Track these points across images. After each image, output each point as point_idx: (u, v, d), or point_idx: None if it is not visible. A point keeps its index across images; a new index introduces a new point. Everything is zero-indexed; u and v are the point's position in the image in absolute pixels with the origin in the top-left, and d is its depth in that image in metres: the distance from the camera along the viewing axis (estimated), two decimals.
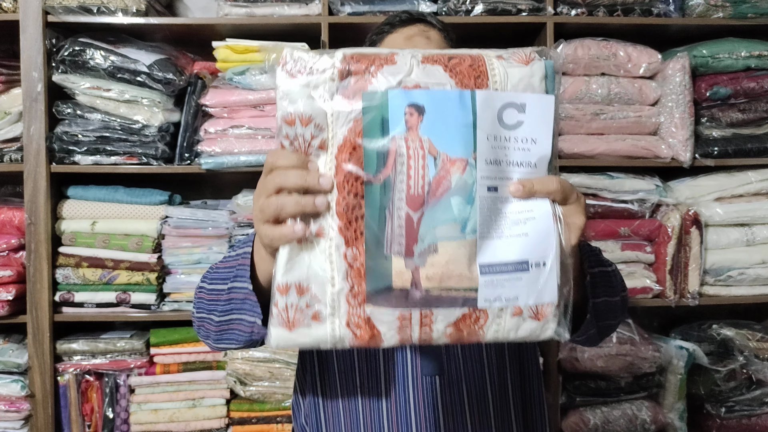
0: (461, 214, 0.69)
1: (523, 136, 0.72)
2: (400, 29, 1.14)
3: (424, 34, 1.13)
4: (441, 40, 1.15)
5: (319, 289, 0.70)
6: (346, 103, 0.70)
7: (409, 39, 1.13)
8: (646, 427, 2.00)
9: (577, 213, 0.78)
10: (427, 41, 1.12)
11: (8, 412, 1.94)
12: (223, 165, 1.95)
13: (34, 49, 1.91)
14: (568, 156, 2.03)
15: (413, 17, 1.16)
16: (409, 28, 1.14)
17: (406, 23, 1.15)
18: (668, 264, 2.04)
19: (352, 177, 0.69)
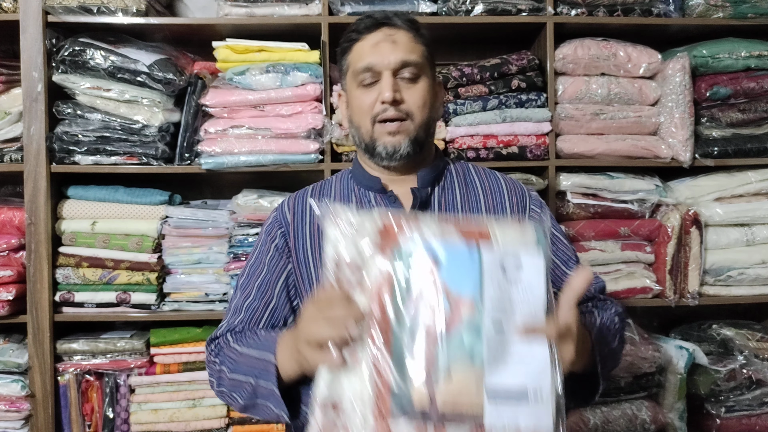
0: (471, 348, 0.83)
1: (522, 284, 0.86)
2: (366, 36, 1.13)
3: (389, 38, 1.12)
4: (409, 40, 1.13)
5: (351, 407, 0.85)
6: (381, 255, 0.87)
7: (375, 46, 1.12)
8: (646, 427, 2.01)
9: (568, 349, 0.88)
10: (393, 46, 1.11)
11: (8, 412, 1.94)
12: (223, 165, 1.95)
13: (35, 49, 1.91)
14: (568, 156, 2.03)
15: (378, 21, 1.14)
16: (374, 34, 1.13)
17: (371, 29, 1.13)
18: (668, 264, 2.05)
19: (384, 315, 0.84)
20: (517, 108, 2.02)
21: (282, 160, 1.96)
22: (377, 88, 1.12)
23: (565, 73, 2.05)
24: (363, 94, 1.13)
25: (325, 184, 1.25)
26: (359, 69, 1.13)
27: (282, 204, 1.23)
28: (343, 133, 1.98)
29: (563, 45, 2.02)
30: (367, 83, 1.13)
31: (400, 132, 1.12)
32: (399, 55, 1.11)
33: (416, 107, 1.12)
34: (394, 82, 1.11)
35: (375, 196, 1.18)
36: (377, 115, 1.12)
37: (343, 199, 1.20)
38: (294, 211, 1.20)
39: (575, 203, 2.03)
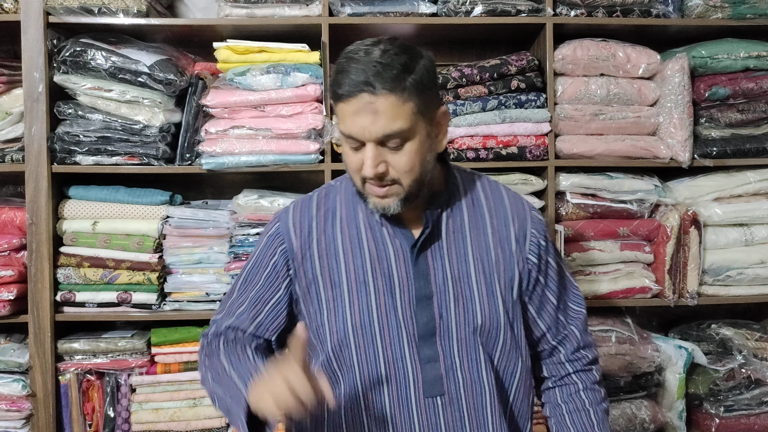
0: None
1: None
2: (346, 100, 1.02)
3: (369, 107, 1.01)
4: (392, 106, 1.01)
5: None
6: None
7: (355, 114, 1.02)
8: (646, 426, 2.01)
9: None
10: (373, 117, 1.01)
11: (9, 412, 1.95)
12: (223, 165, 1.96)
13: (36, 49, 1.91)
14: (567, 156, 2.04)
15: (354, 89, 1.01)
16: (354, 101, 1.01)
17: (351, 94, 1.01)
18: (667, 264, 2.05)
19: None
20: (516, 108, 2.02)
21: (282, 161, 1.97)
22: (362, 153, 1.05)
23: (564, 74, 2.05)
24: (351, 154, 1.08)
25: (330, 194, 1.21)
26: (343, 132, 1.06)
27: (286, 216, 1.20)
28: None
29: (562, 46, 2.03)
30: (353, 147, 1.07)
31: (388, 195, 1.08)
32: (380, 127, 1.02)
33: (403, 173, 1.06)
34: (377, 154, 1.04)
35: (381, 217, 1.15)
36: (366, 177, 1.07)
37: (350, 214, 1.18)
38: (300, 228, 1.17)
39: (574, 203, 2.03)
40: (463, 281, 1.14)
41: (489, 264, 1.16)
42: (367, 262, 1.14)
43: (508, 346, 1.17)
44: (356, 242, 1.15)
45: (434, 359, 1.11)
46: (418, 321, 1.12)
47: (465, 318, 1.13)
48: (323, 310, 1.14)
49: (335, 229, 1.16)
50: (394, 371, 1.11)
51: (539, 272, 1.21)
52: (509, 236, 1.19)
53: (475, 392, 1.13)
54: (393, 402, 1.11)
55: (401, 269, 1.13)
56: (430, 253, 1.15)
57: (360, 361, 1.12)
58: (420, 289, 1.13)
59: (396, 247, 1.14)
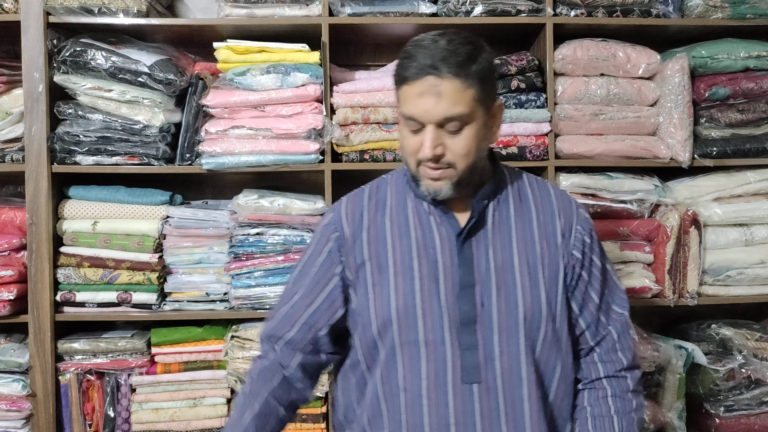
0: None
1: None
2: (412, 83, 1.08)
3: (434, 89, 1.07)
4: (455, 90, 1.07)
5: None
6: None
7: (419, 96, 1.08)
8: (645, 426, 2.01)
9: None
10: (436, 99, 1.07)
11: (9, 412, 1.95)
12: (224, 165, 1.96)
13: (36, 49, 1.91)
14: (567, 156, 2.04)
15: (422, 71, 1.07)
16: (419, 82, 1.07)
17: (417, 76, 1.07)
18: (667, 264, 2.05)
19: None
20: (516, 108, 2.02)
21: (282, 161, 1.97)
22: (421, 135, 1.10)
23: (564, 74, 2.05)
24: (409, 136, 1.13)
25: (381, 186, 1.26)
26: (404, 114, 1.11)
27: (339, 206, 1.25)
28: (343, 134, 1.99)
29: (562, 46, 2.03)
30: (413, 129, 1.11)
31: (441, 179, 1.13)
32: (442, 109, 1.07)
33: (458, 157, 1.11)
34: (436, 136, 1.09)
35: (429, 206, 1.20)
36: (421, 160, 1.12)
37: (400, 206, 1.22)
38: (352, 217, 1.22)
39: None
40: (507, 271, 1.16)
41: (533, 256, 1.18)
42: (413, 248, 1.17)
43: (549, 339, 1.17)
44: (404, 229, 1.19)
45: (473, 346, 1.13)
46: (460, 308, 1.14)
47: (506, 307, 1.15)
48: (369, 292, 1.18)
49: (384, 217, 1.21)
50: (434, 356, 1.13)
51: (582, 268, 1.22)
52: (555, 231, 1.21)
53: (512, 383, 1.13)
54: (430, 385, 1.13)
55: (446, 256, 1.16)
56: (475, 242, 1.17)
57: (402, 344, 1.15)
58: (463, 277, 1.15)
59: (442, 234, 1.18)
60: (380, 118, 2.01)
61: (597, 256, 1.25)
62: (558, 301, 1.19)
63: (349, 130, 2.00)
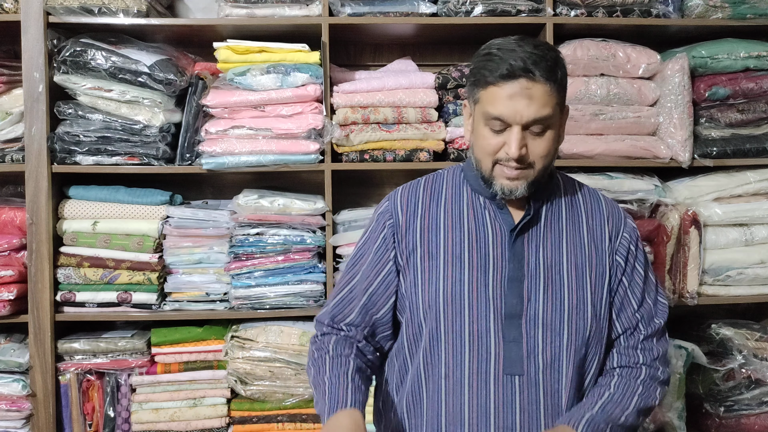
0: None
1: None
2: (502, 84, 1.10)
3: (526, 92, 1.09)
4: (545, 94, 1.11)
5: None
6: None
7: (510, 98, 1.10)
8: (645, 426, 2.01)
9: None
10: (528, 102, 1.10)
11: (9, 412, 1.95)
12: (224, 165, 1.96)
13: (36, 49, 1.91)
14: (567, 156, 2.04)
15: (515, 73, 1.09)
16: (511, 84, 1.10)
17: (509, 78, 1.10)
18: (667, 264, 2.05)
19: None
20: None
21: (282, 161, 1.97)
22: (504, 135, 1.13)
23: None
24: (490, 136, 1.14)
25: (437, 179, 1.29)
26: (490, 114, 1.12)
27: (395, 195, 1.29)
28: (343, 134, 1.99)
29: (562, 46, 2.03)
30: (496, 129, 1.13)
31: (519, 178, 1.15)
32: (533, 112, 1.10)
33: (539, 158, 1.15)
34: (522, 137, 1.12)
35: (485, 200, 1.23)
36: (500, 159, 1.15)
37: (455, 198, 1.25)
38: (407, 205, 1.25)
39: None
40: (555, 269, 1.19)
41: (582, 257, 1.22)
42: (465, 239, 1.20)
43: (591, 337, 1.20)
44: (457, 220, 1.22)
45: (518, 339, 1.16)
46: (507, 301, 1.17)
47: (552, 304, 1.18)
48: (419, 279, 1.21)
49: (438, 207, 1.24)
50: (477, 345, 1.16)
51: (624, 274, 1.26)
52: (603, 236, 1.25)
53: (553, 377, 1.16)
54: (473, 374, 1.15)
55: (497, 250, 1.19)
56: (527, 238, 1.21)
57: (447, 331, 1.17)
58: (513, 271, 1.18)
59: (495, 229, 1.21)
60: (380, 118, 2.01)
61: (640, 265, 1.28)
62: (603, 303, 1.22)
63: (349, 130, 2.00)
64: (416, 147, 2.02)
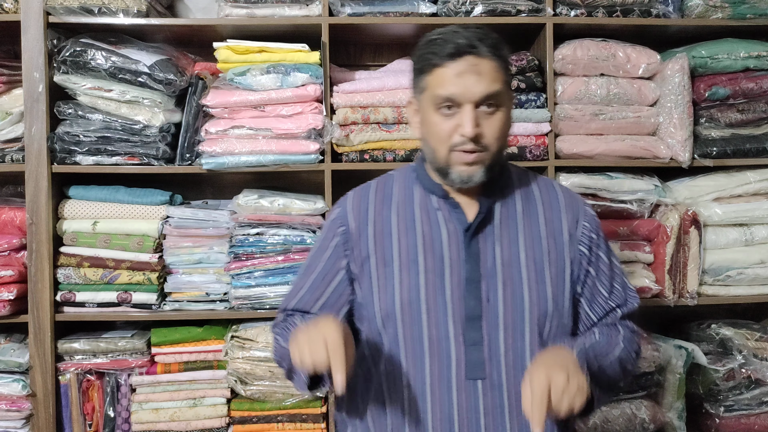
0: None
1: None
2: (449, 64, 1.09)
3: (474, 69, 1.09)
4: (493, 70, 1.11)
5: None
6: None
7: (459, 76, 1.09)
8: (645, 426, 2.01)
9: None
10: (477, 78, 1.09)
11: (9, 412, 1.95)
12: (224, 165, 1.96)
13: (36, 49, 1.91)
14: (567, 156, 2.04)
15: (462, 49, 1.09)
16: (458, 62, 1.09)
17: (454, 56, 1.09)
18: (667, 264, 2.05)
19: None
20: (516, 108, 2.02)
21: (282, 161, 1.97)
22: (457, 117, 1.11)
23: (564, 74, 2.05)
24: (442, 121, 1.12)
25: (388, 181, 1.27)
26: (440, 97, 1.11)
27: (345, 201, 1.26)
28: (343, 134, 1.99)
29: (562, 46, 2.03)
30: (447, 112, 1.12)
31: (476, 162, 1.13)
32: (483, 87, 1.09)
33: (493, 139, 1.13)
34: (476, 115, 1.10)
35: (438, 200, 1.20)
36: (455, 145, 1.12)
37: (406, 199, 1.22)
38: (358, 211, 1.23)
39: None
40: (513, 267, 1.17)
41: (540, 252, 1.19)
42: (419, 242, 1.17)
43: (554, 334, 1.18)
44: (410, 223, 1.19)
45: (479, 342, 1.13)
46: (465, 303, 1.14)
47: (512, 303, 1.15)
48: (374, 286, 1.18)
49: (390, 211, 1.21)
50: (437, 350, 1.13)
51: (590, 264, 1.23)
52: (561, 228, 1.22)
53: (517, 379, 1.13)
54: (434, 381, 1.13)
55: (453, 251, 1.16)
56: (482, 237, 1.17)
57: (405, 338, 1.15)
58: (470, 272, 1.15)
59: (449, 229, 1.18)
60: (380, 118, 2.01)
61: (603, 253, 1.25)
62: (565, 297, 1.19)
63: (349, 130, 2.00)
64: (416, 147, 2.02)
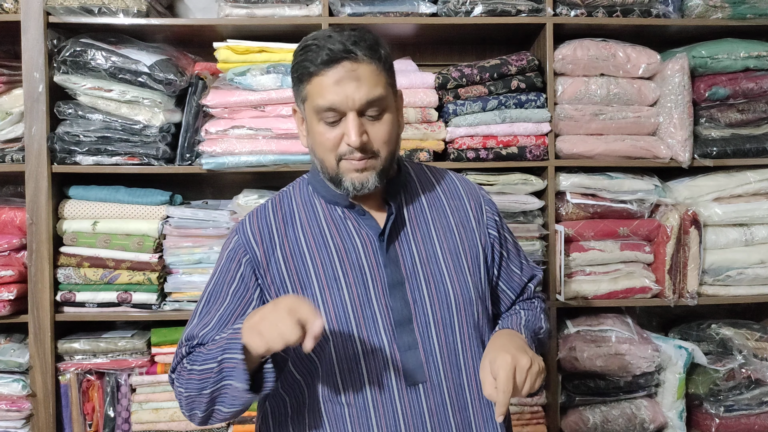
0: None
1: None
2: (326, 71, 1.04)
3: (352, 74, 1.04)
4: (372, 73, 1.05)
5: None
6: None
7: (337, 84, 1.04)
8: (645, 426, 2.01)
9: None
10: (356, 84, 1.04)
11: (9, 412, 1.95)
12: (223, 165, 1.96)
13: (36, 49, 1.91)
14: (567, 156, 2.04)
15: (337, 57, 1.03)
16: (335, 69, 1.03)
17: (331, 63, 1.03)
18: (667, 264, 2.05)
19: None
20: (516, 108, 2.02)
21: (282, 161, 1.97)
22: (341, 126, 1.06)
23: (564, 74, 2.05)
24: (326, 131, 1.07)
25: (284, 199, 1.20)
26: (321, 107, 1.05)
27: (243, 228, 1.17)
28: None
29: (562, 46, 2.03)
30: (330, 122, 1.07)
31: (366, 169, 1.09)
32: (363, 93, 1.04)
33: (382, 144, 1.09)
34: (360, 123, 1.06)
35: (344, 210, 1.16)
36: (343, 154, 1.08)
37: (309, 215, 1.17)
38: (260, 237, 1.15)
39: (574, 203, 2.03)
40: (432, 263, 1.15)
41: (454, 243, 1.19)
42: (334, 257, 1.13)
43: (482, 320, 1.19)
44: (320, 239, 1.14)
45: (413, 346, 1.11)
46: (393, 308, 1.11)
47: (438, 299, 1.14)
48: None
49: (296, 231, 1.15)
50: (374, 362, 1.10)
51: (501, 246, 1.26)
52: (468, 215, 1.23)
53: (454, 373, 1.13)
54: (375, 393, 1.10)
55: (371, 259, 1.13)
56: (397, 240, 1.15)
57: (339, 357, 1.10)
58: (391, 276, 1.12)
59: (363, 237, 1.14)
60: None
61: (507, 233, 1.30)
62: (483, 282, 1.20)
63: None
64: (416, 147, 2.02)
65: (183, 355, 1.14)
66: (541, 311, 1.31)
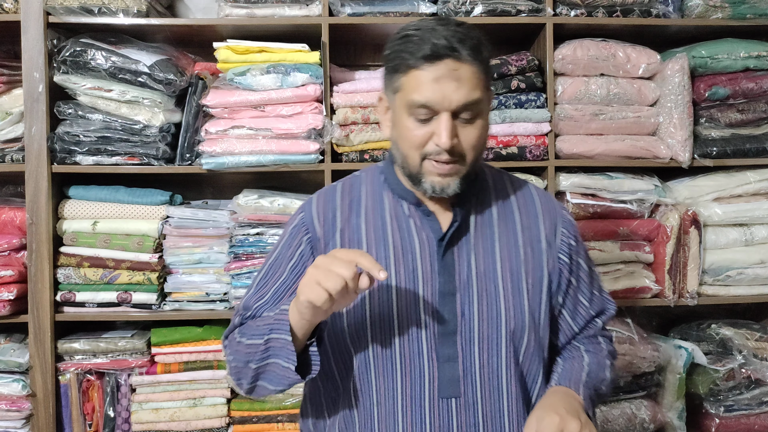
0: None
1: None
2: (426, 67, 0.99)
3: (453, 74, 0.99)
4: (473, 75, 1.00)
5: None
6: None
7: (436, 81, 0.99)
8: (645, 426, 2.01)
9: None
10: (456, 84, 0.99)
11: (9, 412, 1.95)
12: (223, 165, 1.96)
13: (36, 49, 1.91)
14: (567, 156, 2.04)
15: (440, 53, 0.98)
16: (437, 66, 0.99)
17: (433, 59, 0.99)
18: (667, 264, 2.05)
19: None
20: (516, 108, 2.02)
21: (282, 161, 1.97)
22: (432, 125, 1.02)
23: (564, 74, 2.05)
24: (415, 128, 1.03)
25: (355, 184, 1.18)
26: (415, 102, 1.01)
27: (310, 206, 1.17)
28: (343, 134, 1.99)
29: (562, 46, 2.03)
30: (422, 119, 1.02)
31: (451, 174, 1.05)
32: (462, 95, 1.00)
33: (470, 149, 1.04)
34: (453, 125, 1.01)
35: (410, 207, 1.13)
36: (429, 153, 1.03)
37: (376, 205, 1.14)
38: (324, 217, 1.14)
39: (574, 203, 2.03)
40: (489, 278, 1.10)
41: (517, 262, 1.12)
42: (390, 254, 1.10)
43: (532, 349, 1.12)
44: (380, 233, 1.11)
45: (453, 359, 1.07)
46: (439, 318, 1.08)
47: (488, 317, 1.08)
48: None
49: (359, 219, 1.13)
50: (410, 368, 1.07)
51: (571, 273, 1.17)
52: (539, 235, 1.15)
53: (493, 397, 1.08)
54: (406, 400, 1.07)
55: (426, 263, 1.09)
56: (457, 247, 1.10)
57: (376, 355, 1.08)
58: (443, 285, 1.08)
59: (422, 239, 1.11)
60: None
61: (583, 260, 1.21)
62: (542, 309, 1.13)
63: (349, 130, 2.00)
64: None
65: (236, 324, 1.16)
66: (606, 356, 1.21)
